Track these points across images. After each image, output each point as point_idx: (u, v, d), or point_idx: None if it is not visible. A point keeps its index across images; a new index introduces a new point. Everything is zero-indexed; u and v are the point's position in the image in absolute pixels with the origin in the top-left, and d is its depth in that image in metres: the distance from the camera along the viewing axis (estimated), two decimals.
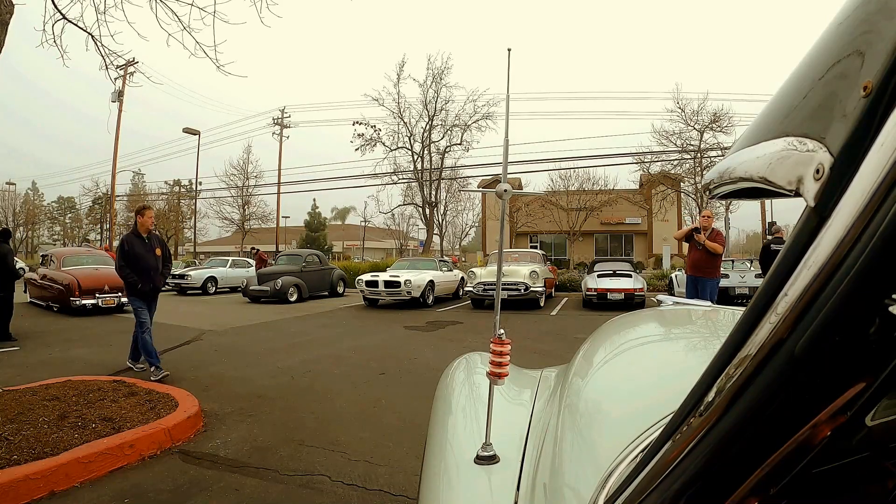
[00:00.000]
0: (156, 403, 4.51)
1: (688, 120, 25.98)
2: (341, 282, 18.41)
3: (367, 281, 14.26)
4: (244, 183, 36.50)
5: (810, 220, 0.36)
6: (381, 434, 4.07)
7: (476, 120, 27.63)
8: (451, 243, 43.03)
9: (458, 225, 43.54)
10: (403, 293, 13.72)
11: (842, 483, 0.54)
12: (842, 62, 0.37)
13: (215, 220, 38.08)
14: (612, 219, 33.09)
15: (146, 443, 3.80)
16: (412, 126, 28.18)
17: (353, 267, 23.64)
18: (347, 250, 54.68)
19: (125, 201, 40.43)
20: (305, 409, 4.80)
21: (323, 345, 8.30)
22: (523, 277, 13.67)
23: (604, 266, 15.90)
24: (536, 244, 33.12)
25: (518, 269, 14.04)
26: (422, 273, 14.59)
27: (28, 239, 53.04)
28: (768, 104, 0.47)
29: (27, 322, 10.42)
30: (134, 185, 41.86)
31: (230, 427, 4.30)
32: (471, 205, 40.46)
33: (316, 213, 54.31)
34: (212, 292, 18.47)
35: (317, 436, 4.07)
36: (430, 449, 1.18)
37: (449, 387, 1.53)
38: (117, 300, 12.30)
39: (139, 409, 4.35)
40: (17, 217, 50.63)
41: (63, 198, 52.85)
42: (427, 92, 27.69)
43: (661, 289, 18.79)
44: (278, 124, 36.14)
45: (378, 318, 12.07)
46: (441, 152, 28.76)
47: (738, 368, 0.41)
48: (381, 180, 29.20)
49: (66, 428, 3.87)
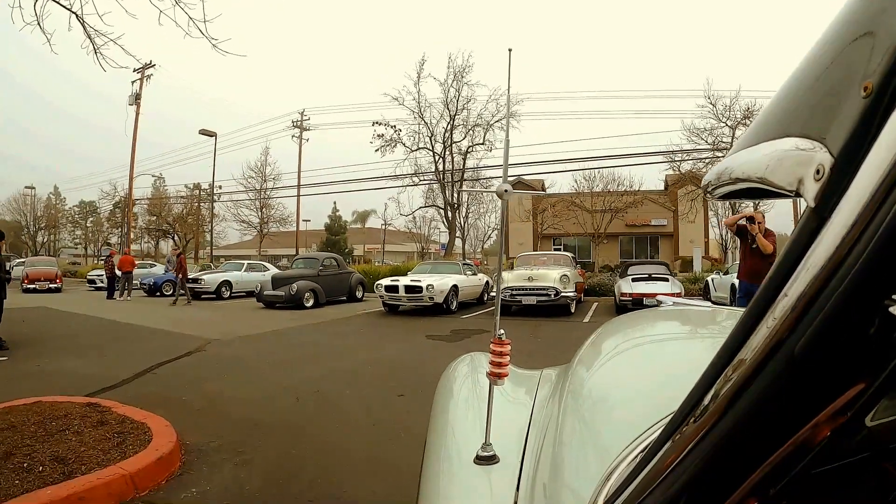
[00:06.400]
0: (126, 437, 3.70)
1: (719, 116, 24.70)
2: (360, 286, 17.53)
3: (387, 286, 13.31)
4: (262, 185, 36.01)
5: (810, 220, 0.36)
6: (398, 487, 3.15)
7: (498, 119, 26.72)
8: (473, 246, 42.17)
9: (479, 227, 42.74)
10: (425, 299, 12.77)
11: (842, 484, 0.54)
12: (842, 63, 0.37)
13: (233, 224, 37.73)
14: (637, 220, 32.08)
15: (101, 494, 2.98)
16: (433, 126, 27.39)
17: (372, 270, 22.76)
18: (368, 254, 53.99)
19: (146, 205, 40.31)
20: (308, 444, 3.94)
21: (336, 357, 7.47)
22: (553, 282, 12.71)
23: (638, 269, 14.86)
24: (560, 246, 32.02)
25: (547, 272, 13.08)
26: (445, 277, 13.59)
27: (49, 242, 53.72)
28: (769, 104, 0.47)
29: (26, 328, 9.84)
30: (155, 188, 41.68)
31: (213, 469, 3.46)
32: (493, 206, 39.60)
33: (336, 216, 53.72)
34: (226, 297, 17.74)
35: (318, 486, 3.20)
36: (430, 449, 1.16)
37: (449, 387, 1.51)
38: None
39: (103, 445, 3.54)
40: (38, 221, 51.27)
41: (84, 202, 53.31)
42: (448, 91, 26.90)
43: (695, 293, 17.30)
44: (297, 127, 35.72)
45: (398, 325, 11.21)
46: (463, 153, 27.88)
47: (738, 369, 0.40)
48: (402, 182, 28.41)
49: (5, 472, 3.08)
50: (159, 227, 39.53)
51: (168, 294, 16.57)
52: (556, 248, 30.07)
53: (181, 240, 38.40)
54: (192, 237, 38.78)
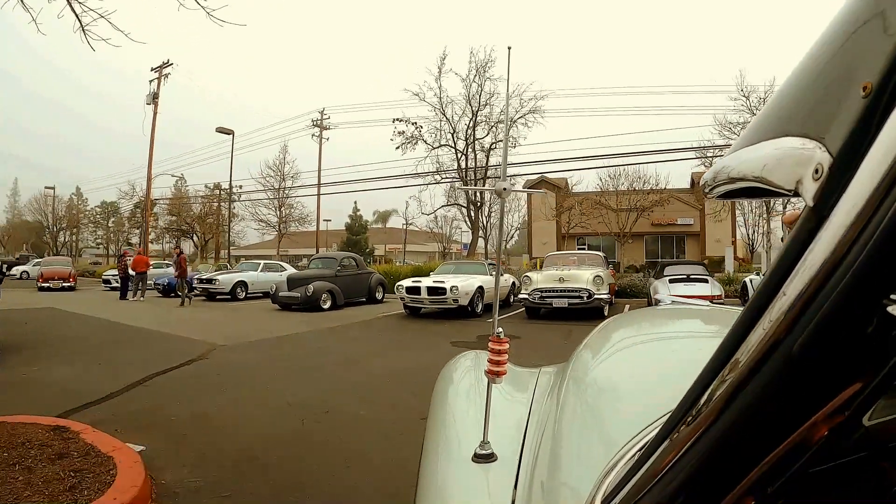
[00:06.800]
0: (83, 476, 2.97)
1: (753, 109, 23.41)
2: (380, 287, 16.70)
3: (409, 287, 12.44)
4: (280, 184, 35.47)
5: (809, 220, 0.36)
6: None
7: (523, 114, 25.78)
8: (496, 246, 41.19)
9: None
10: (449, 301, 11.88)
11: (839, 483, 0.54)
12: (842, 62, 0.37)
13: (251, 224, 37.25)
14: (662, 220, 30.89)
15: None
16: (455, 123, 26.55)
17: (393, 271, 21.93)
18: (389, 253, 53.24)
19: (166, 205, 40.14)
20: (311, 485, 3.16)
21: (351, 367, 6.68)
22: (586, 283, 11.79)
23: (675, 270, 13.84)
24: (584, 246, 30.93)
25: (580, 273, 12.15)
26: (470, 278, 12.63)
27: (71, 242, 54.26)
28: (768, 104, 0.47)
29: (26, 331, 9.30)
30: (176, 188, 41.52)
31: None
32: (516, 205, 38.64)
33: (357, 215, 53.07)
34: (241, 298, 17.07)
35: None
36: (428, 447, 1.13)
37: (447, 385, 1.46)
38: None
39: (52, 488, 2.82)
40: (59, 221, 51.68)
41: (106, 202, 53.56)
42: (470, 86, 26.06)
43: (731, 295, 16.05)
44: (317, 126, 35.19)
45: (420, 330, 10.40)
46: (486, 150, 26.99)
47: (736, 368, 0.40)
48: (424, 180, 27.58)
49: None
50: (179, 227, 39.32)
51: (180, 295, 16.01)
52: (581, 248, 29.04)
53: (200, 240, 38.16)
54: (210, 237, 38.49)
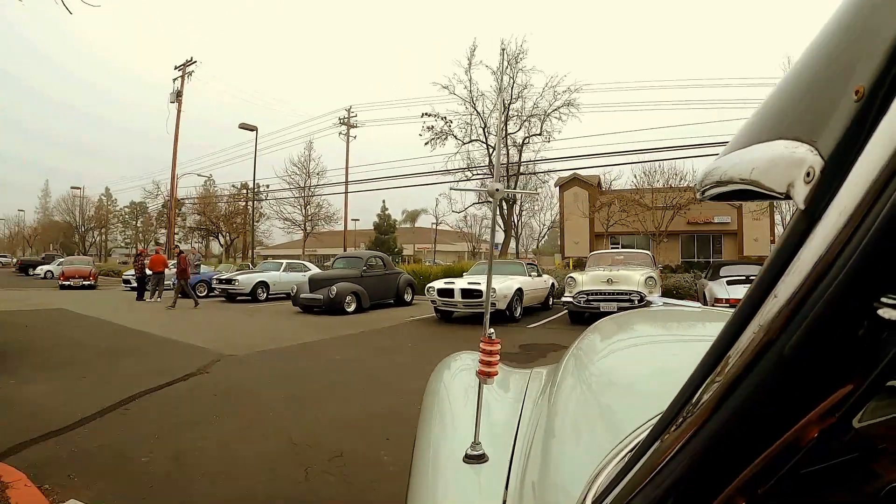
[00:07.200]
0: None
1: None
2: (409, 288, 15.63)
3: (440, 289, 11.24)
4: (306, 182, 34.73)
5: (800, 222, 0.36)
6: None
7: (557, 107, 24.43)
8: (526, 245, 39.85)
9: (532, 226, 40.49)
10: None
11: (830, 484, 0.54)
12: (834, 66, 0.37)
13: (276, 222, 36.61)
14: (699, 218, 29.41)
15: None
16: (486, 117, 25.33)
17: (422, 271, 20.73)
18: (418, 253, 52.24)
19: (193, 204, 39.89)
20: None
21: (373, 387, 5.59)
22: (637, 285, 10.53)
23: (733, 270, 12.40)
24: (618, 245, 29.43)
25: (630, 274, 10.87)
26: (508, 279, 11.34)
27: (99, 242, 54.80)
28: (761, 106, 0.47)
29: (24, 335, 8.53)
30: (205, 188, 41.29)
31: None
32: (548, 204, 37.29)
33: (385, 215, 52.15)
34: (262, 299, 16.19)
35: None
36: (419, 448, 1.13)
37: (438, 386, 1.44)
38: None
39: None
40: (87, 221, 52.13)
41: (135, 202, 53.95)
42: (501, 79, 24.76)
43: None
44: (344, 124, 34.44)
45: (453, 337, 9.23)
46: (518, 145, 25.70)
47: (728, 369, 0.40)
48: (454, 177, 26.42)
49: None
50: (206, 226, 39.06)
51: (202, 296, 15.25)
52: (614, 247, 27.59)
53: (227, 239, 37.76)
54: (237, 236, 38.08)
